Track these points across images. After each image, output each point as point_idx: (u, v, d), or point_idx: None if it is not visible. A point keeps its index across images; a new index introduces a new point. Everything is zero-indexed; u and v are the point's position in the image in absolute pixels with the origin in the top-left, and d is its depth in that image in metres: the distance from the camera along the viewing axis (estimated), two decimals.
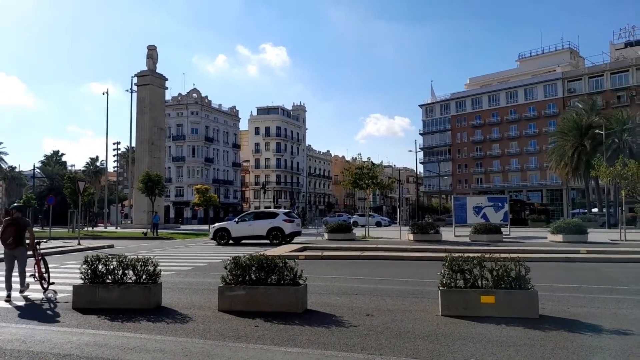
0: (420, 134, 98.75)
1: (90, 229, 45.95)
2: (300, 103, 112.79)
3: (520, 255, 10.79)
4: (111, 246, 23.61)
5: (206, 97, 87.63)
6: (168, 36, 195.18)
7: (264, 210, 28.32)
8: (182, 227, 52.56)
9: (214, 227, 25.84)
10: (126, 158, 77.79)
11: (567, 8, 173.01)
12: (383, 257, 16.58)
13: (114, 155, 71.34)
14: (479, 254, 7.43)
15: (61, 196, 47.49)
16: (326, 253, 17.18)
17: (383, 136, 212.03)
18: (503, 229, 23.41)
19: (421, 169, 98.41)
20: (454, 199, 28.44)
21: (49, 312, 7.87)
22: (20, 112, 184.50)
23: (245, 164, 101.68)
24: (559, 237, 21.10)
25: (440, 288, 7.23)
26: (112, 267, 7.95)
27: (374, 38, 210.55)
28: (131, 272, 7.91)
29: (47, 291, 9.70)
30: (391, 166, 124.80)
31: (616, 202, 41.72)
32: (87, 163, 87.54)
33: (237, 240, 24.52)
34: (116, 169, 73.94)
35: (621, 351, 5.34)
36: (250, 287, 7.49)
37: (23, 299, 9.22)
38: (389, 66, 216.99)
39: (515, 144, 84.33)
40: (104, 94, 52.80)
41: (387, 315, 7.25)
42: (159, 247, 23.29)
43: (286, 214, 25.64)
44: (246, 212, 26.96)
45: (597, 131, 46.22)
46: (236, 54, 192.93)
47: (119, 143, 69.82)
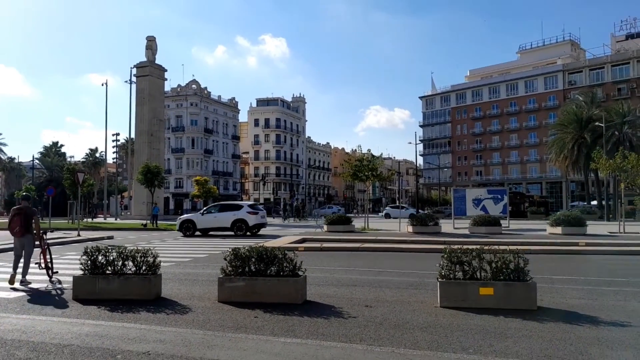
0: (420, 126, 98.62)
1: (89, 220, 45.99)
2: (300, 94, 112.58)
3: (519, 247, 10.85)
4: (111, 237, 23.65)
5: (205, 88, 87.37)
6: (167, 27, 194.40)
7: (229, 202, 28.50)
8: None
9: (180, 218, 26.07)
10: (125, 149, 77.68)
11: (567, 1, 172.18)
12: (382, 249, 16.62)
13: (114, 147, 71.22)
14: (478, 246, 7.45)
15: (61, 187, 47.47)
16: (325, 245, 17.21)
17: (383, 128, 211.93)
18: (502, 222, 23.43)
19: (421, 161, 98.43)
20: (453, 191, 28.45)
21: (49, 303, 7.89)
22: (19, 103, 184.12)
23: (244, 155, 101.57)
24: (558, 230, 21.14)
25: (439, 280, 7.25)
26: (111, 258, 7.98)
27: (374, 29, 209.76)
28: (131, 263, 7.94)
29: (52, 279, 10.04)
30: (391, 158, 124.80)
31: (615, 195, 41.74)
32: (87, 154, 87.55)
33: (205, 232, 24.67)
34: (115, 160, 73.88)
35: (618, 342, 5.37)
36: (249, 278, 7.52)
37: (24, 288, 9.31)
38: (389, 58, 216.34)
39: (515, 136, 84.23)
40: (103, 85, 52.60)
41: (386, 307, 7.28)
42: (159, 238, 23.32)
43: (250, 206, 25.77)
44: (212, 204, 27.14)
45: (597, 124, 46.17)
46: (235, 45, 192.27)
47: (118, 134, 69.73)
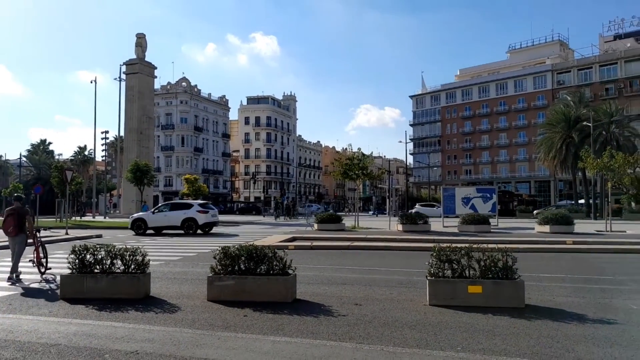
0: (411, 124, 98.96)
1: (78, 218, 45.51)
2: (291, 93, 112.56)
3: (508, 245, 10.87)
4: (99, 236, 23.46)
5: (195, 86, 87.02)
6: (157, 24, 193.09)
7: (180, 201, 28.64)
8: None
9: (132, 217, 26.11)
10: (115, 147, 77.00)
11: (556, 1, 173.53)
12: (372, 247, 16.67)
13: (103, 145, 70.81)
14: (467, 244, 7.50)
15: (49, 185, 46.93)
16: (316, 243, 17.21)
17: (373, 127, 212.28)
18: (491, 220, 23.61)
19: (411, 159, 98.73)
20: (443, 189, 28.59)
21: (36, 302, 7.82)
22: (6, 100, 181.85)
23: (235, 153, 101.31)
24: (546, 228, 21.33)
25: (428, 278, 7.28)
26: (100, 256, 7.91)
27: (365, 28, 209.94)
28: (119, 261, 7.89)
29: (45, 275, 10.42)
30: (381, 157, 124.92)
31: (602, 194, 42.21)
32: (75, 152, 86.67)
33: (158, 231, 24.72)
34: (104, 158, 73.37)
35: (605, 340, 5.43)
36: (239, 277, 7.50)
37: (11, 284, 9.41)
38: (379, 57, 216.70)
39: (505, 135, 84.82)
40: (92, 82, 52.22)
41: (375, 305, 7.30)
42: (148, 236, 23.19)
43: (201, 205, 25.81)
44: (164, 203, 27.29)
45: (585, 123, 46.62)
46: (226, 42, 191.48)
47: (107, 132, 69.47)
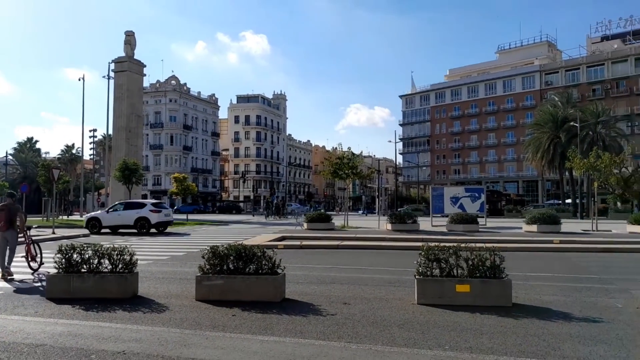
0: (400, 124, 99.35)
1: (65, 217, 45.11)
2: (281, 92, 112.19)
3: (496, 245, 10.97)
4: (87, 235, 23.26)
5: (185, 84, 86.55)
6: (147, 22, 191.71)
7: (133, 200, 28.70)
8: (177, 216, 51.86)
9: (87, 216, 26.16)
10: (103, 146, 76.24)
11: (545, 2, 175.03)
12: (361, 247, 16.71)
13: (90, 143, 69.85)
14: (455, 244, 7.55)
15: (35, 184, 46.53)
16: (305, 242, 17.22)
17: (363, 126, 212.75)
18: (479, 219, 23.76)
19: (400, 159, 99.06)
20: (431, 189, 28.72)
21: (22, 302, 7.73)
22: None
23: (224, 152, 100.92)
24: (534, 228, 21.51)
25: (417, 277, 7.31)
26: (87, 256, 7.84)
27: (355, 27, 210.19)
28: (107, 261, 7.82)
29: (37, 272, 10.62)
30: (371, 156, 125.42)
31: (589, 194, 42.67)
32: (62, 150, 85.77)
33: (114, 230, 24.72)
34: (92, 156, 72.48)
35: (590, 338, 5.49)
36: (228, 277, 7.47)
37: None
38: (369, 56, 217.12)
39: (493, 135, 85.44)
40: (79, 79, 51.67)
41: (364, 304, 7.32)
42: (136, 235, 23.03)
43: (154, 204, 25.87)
44: (118, 202, 27.37)
45: (572, 124, 47.10)
46: (216, 41, 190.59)
47: (95, 130, 68.43)
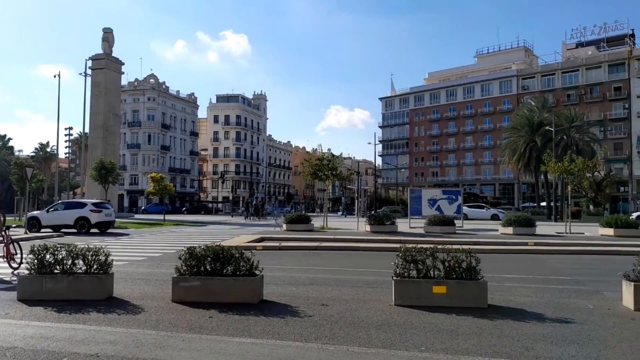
0: (380, 126, 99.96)
1: None
2: (261, 92, 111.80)
3: (472, 246, 11.12)
4: (61, 235, 22.81)
5: (164, 83, 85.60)
6: (125, 19, 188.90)
7: (74, 200, 28.71)
8: (137, 216, 51.34)
9: (27, 215, 25.76)
10: (79, 144, 74.90)
11: (523, 7, 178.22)
12: (340, 248, 16.74)
13: (66, 141, 68.41)
14: (432, 245, 7.61)
15: (8, 183, 45.47)
16: (284, 244, 17.17)
17: (343, 128, 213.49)
18: (456, 221, 24.04)
19: (380, 161, 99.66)
20: (410, 191, 28.94)
21: None
22: None
23: (203, 152, 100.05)
24: (509, 230, 21.84)
25: (394, 278, 7.35)
26: (60, 256, 7.68)
27: (335, 30, 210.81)
28: (81, 261, 7.67)
29: (18, 270, 10.58)
30: (351, 158, 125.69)
31: (563, 197, 43.54)
32: (37, 148, 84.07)
33: (54, 229, 24.44)
34: (68, 155, 71.02)
35: (562, 339, 5.60)
36: (205, 278, 7.41)
37: None
38: (350, 58, 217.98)
39: (471, 138, 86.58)
40: (55, 76, 50.53)
41: (342, 305, 7.34)
42: (112, 236, 22.68)
43: (95, 204, 25.69)
44: (59, 202, 27.26)
45: (547, 128, 48.01)
46: (196, 40, 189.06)
47: (71, 128, 67.04)
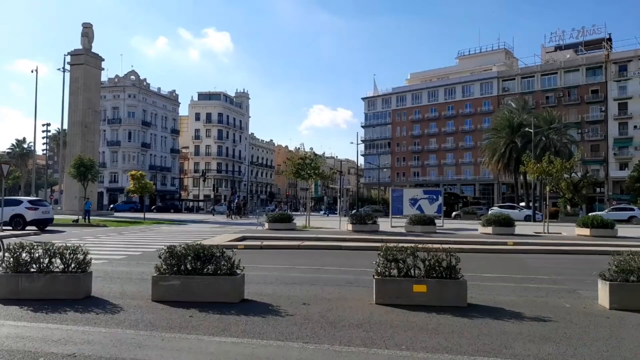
0: (362, 126, 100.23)
1: None
2: (244, 90, 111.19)
3: (452, 246, 11.27)
4: (38, 233, 22.41)
5: (145, 79, 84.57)
6: (105, 14, 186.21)
7: (11, 197, 28.47)
8: (116, 214, 50.69)
9: None
10: (57, 141, 73.66)
11: (503, 10, 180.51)
12: (322, 247, 16.74)
13: (44, 138, 67.24)
14: (413, 244, 7.67)
15: None
16: (266, 243, 17.13)
17: (326, 127, 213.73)
18: (437, 221, 24.26)
19: (362, 161, 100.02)
20: (391, 191, 29.11)
21: None
22: None
23: (184, 150, 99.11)
24: (489, 230, 22.10)
25: (375, 277, 7.38)
26: (37, 255, 7.53)
27: (318, 29, 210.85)
28: (59, 260, 7.54)
29: None
30: (333, 157, 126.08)
31: (541, 197, 44.23)
32: (13, 145, 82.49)
33: None
34: (45, 152, 69.74)
35: (539, 336, 5.69)
36: (185, 277, 7.34)
37: None
38: (332, 58, 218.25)
39: (452, 139, 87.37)
40: (33, 71, 49.68)
41: (323, 304, 7.34)
42: (91, 234, 22.35)
43: (31, 202, 25.71)
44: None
45: (527, 129, 48.71)
46: (177, 37, 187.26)
47: (49, 124, 65.86)
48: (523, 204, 53.90)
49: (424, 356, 4.93)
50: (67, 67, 49.21)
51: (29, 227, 24.05)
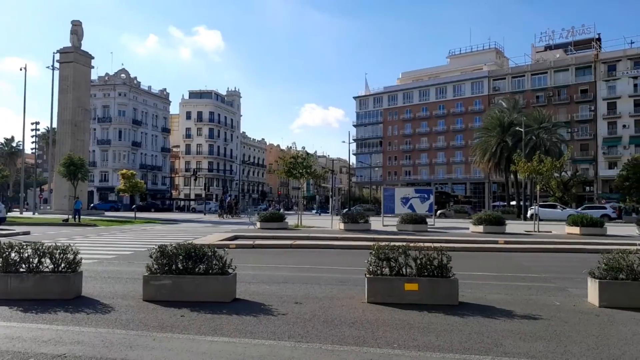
0: (354, 125, 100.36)
1: None
2: (235, 89, 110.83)
3: (443, 244, 11.26)
4: (27, 233, 22.17)
5: (135, 78, 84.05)
6: (95, 12, 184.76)
7: None
8: (107, 213, 50.35)
9: None
10: (46, 139, 73.01)
11: (494, 9, 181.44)
12: (314, 246, 16.74)
13: (33, 136, 66.65)
14: (405, 243, 7.68)
15: None
16: (258, 242, 17.09)
17: (318, 126, 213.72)
18: (428, 220, 24.35)
19: (354, 160, 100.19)
20: (383, 190, 29.17)
21: None
22: None
23: (175, 149, 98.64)
24: (480, 228, 22.22)
25: (367, 276, 7.39)
26: (26, 255, 7.46)
27: (310, 28, 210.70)
28: (48, 260, 7.47)
29: None
30: (325, 156, 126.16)
31: (532, 196, 44.55)
32: (1, 143, 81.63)
33: None
34: (35, 150, 69.10)
35: (530, 334, 5.73)
36: (176, 277, 7.31)
37: None
38: (324, 57, 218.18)
39: (443, 138, 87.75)
40: (21, 69, 49.10)
41: (315, 303, 7.35)
42: (81, 234, 22.19)
43: None
44: None
45: (517, 128, 49.01)
46: (168, 35, 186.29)
47: (38, 123, 65.33)
48: (514, 202, 54.31)
49: (415, 354, 4.95)
50: (57, 65, 48.79)
51: None
